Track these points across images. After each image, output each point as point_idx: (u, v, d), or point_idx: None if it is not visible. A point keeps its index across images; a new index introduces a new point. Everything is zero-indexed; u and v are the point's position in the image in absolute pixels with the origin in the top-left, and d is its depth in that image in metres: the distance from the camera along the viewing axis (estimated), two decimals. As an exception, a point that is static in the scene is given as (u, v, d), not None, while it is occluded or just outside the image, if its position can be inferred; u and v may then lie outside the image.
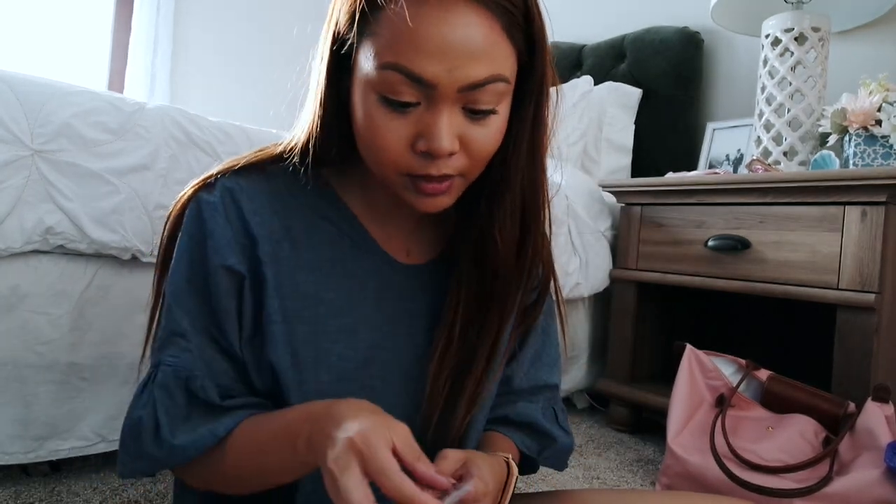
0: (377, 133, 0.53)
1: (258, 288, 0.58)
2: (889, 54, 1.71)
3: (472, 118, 0.53)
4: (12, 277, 0.95)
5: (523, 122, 0.57)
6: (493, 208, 0.59)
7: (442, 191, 0.55)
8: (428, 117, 0.51)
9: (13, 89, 0.94)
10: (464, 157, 0.54)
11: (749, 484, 1.05)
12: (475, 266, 0.61)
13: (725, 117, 2.02)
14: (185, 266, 0.58)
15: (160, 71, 2.57)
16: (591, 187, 1.75)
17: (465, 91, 0.51)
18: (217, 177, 0.60)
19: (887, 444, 1.01)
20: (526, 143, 0.58)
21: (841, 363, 1.23)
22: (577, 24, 2.44)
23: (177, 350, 0.57)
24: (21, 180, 0.93)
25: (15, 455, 0.98)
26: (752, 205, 1.38)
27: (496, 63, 0.51)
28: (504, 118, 0.55)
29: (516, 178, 0.58)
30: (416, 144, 0.52)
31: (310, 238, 0.60)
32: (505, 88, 0.53)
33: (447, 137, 0.51)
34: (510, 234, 0.59)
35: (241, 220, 0.58)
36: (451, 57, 0.49)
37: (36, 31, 2.39)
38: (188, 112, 1.13)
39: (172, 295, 0.58)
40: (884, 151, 1.35)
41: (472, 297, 0.62)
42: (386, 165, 0.54)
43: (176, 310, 0.58)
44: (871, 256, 1.19)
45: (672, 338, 1.67)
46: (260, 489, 0.56)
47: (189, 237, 0.59)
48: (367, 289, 0.62)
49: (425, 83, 0.50)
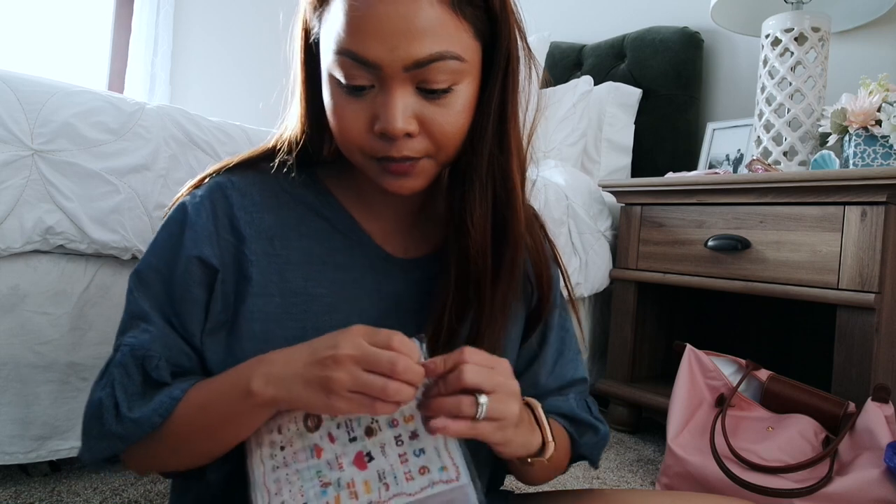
0: (340, 118, 0.54)
1: (241, 285, 0.57)
2: (889, 54, 1.71)
3: (429, 98, 0.53)
4: (12, 277, 0.95)
5: (489, 101, 0.56)
6: (465, 193, 0.57)
7: (405, 171, 0.55)
8: (381, 99, 0.52)
9: (13, 89, 0.94)
10: (425, 139, 0.54)
11: (749, 484, 1.05)
12: (459, 258, 0.59)
13: (725, 117, 2.02)
14: (156, 253, 0.59)
15: (160, 71, 2.57)
16: (591, 187, 1.75)
17: (412, 70, 0.51)
18: (211, 175, 0.61)
19: (887, 444, 1.01)
20: (492, 123, 0.56)
21: (841, 363, 1.23)
22: (577, 24, 2.44)
23: (137, 332, 0.57)
24: (21, 180, 0.93)
25: (15, 455, 0.98)
26: (752, 205, 1.38)
27: (441, 41, 0.51)
28: (466, 97, 0.54)
29: (482, 159, 0.57)
30: (375, 126, 0.53)
31: (301, 234, 0.60)
32: (459, 66, 0.52)
33: (399, 117, 0.51)
34: (481, 220, 0.57)
35: (228, 217, 0.58)
36: (391, 36, 0.49)
37: (36, 31, 2.39)
38: (188, 112, 1.13)
39: (137, 279, 0.58)
40: (884, 151, 1.35)
41: (458, 292, 0.60)
42: (352, 150, 0.56)
43: (138, 293, 0.58)
44: (871, 256, 1.19)
45: (672, 338, 1.67)
46: (208, 457, 0.55)
47: (168, 228, 0.59)
48: (359, 283, 0.61)
49: (370, 64, 0.50)
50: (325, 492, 0.49)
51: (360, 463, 0.50)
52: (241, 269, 0.57)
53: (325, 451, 0.51)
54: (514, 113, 0.58)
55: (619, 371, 1.65)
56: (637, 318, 1.64)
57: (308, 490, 0.49)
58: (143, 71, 2.53)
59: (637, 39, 2.13)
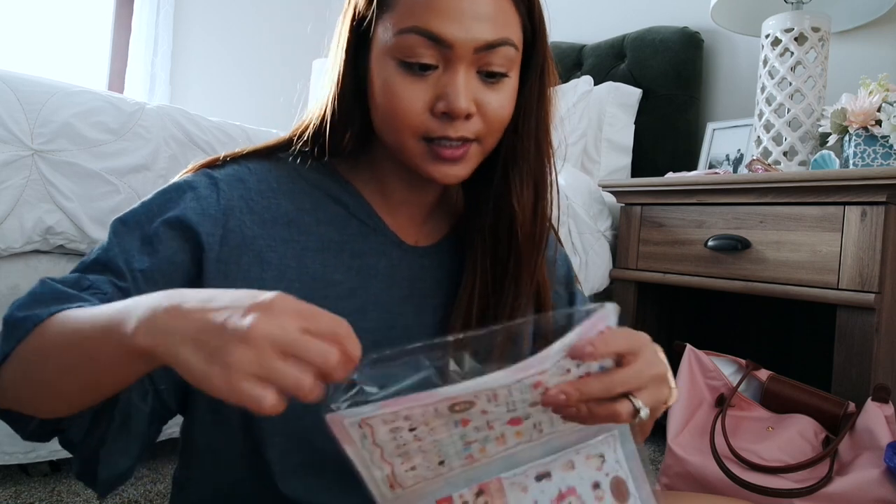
0: (396, 98, 0.55)
1: (258, 269, 0.57)
2: (889, 54, 1.71)
3: (487, 82, 0.56)
4: (12, 277, 0.95)
5: (531, 93, 0.60)
6: (510, 178, 0.61)
7: (459, 156, 0.57)
8: (446, 79, 0.54)
9: (13, 89, 0.94)
10: (480, 122, 0.56)
11: (749, 484, 1.05)
12: (490, 242, 0.63)
13: (725, 117, 2.02)
14: (148, 205, 0.57)
15: (160, 71, 2.57)
16: (590, 187, 1.75)
17: (480, 52, 0.54)
18: (226, 158, 0.61)
19: (887, 444, 1.01)
20: (534, 116, 0.61)
21: (841, 363, 1.23)
22: (577, 24, 2.44)
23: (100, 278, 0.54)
24: (21, 180, 0.93)
25: (15, 455, 0.98)
26: (752, 205, 1.38)
27: (506, 28, 0.55)
28: (514, 86, 0.58)
29: (528, 146, 0.61)
30: (436, 106, 0.55)
31: (319, 219, 0.61)
32: (514, 54, 0.57)
33: (465, 97, 0.54)
34: (527, 201, 0.62)
35: (245, 200, 0.58)
36: (467, 18, 0.53)
37: (36, 31, 2.39)
38: (188, 112, 1.13)
39: (120, 224, 0.57)
40: (884, 151, 1.35)
41: (487, 276, 0.63)
42: (404, 131, 0.56)
43: (116, 239, 0.56)
44: (871, 256, 1.19)
45: (672, 338, 1.67)
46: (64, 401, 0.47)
47: (167, 193, 0.57)
48: (376, 270, 0.62)
49: (444, 43, 0.53)
50: (467, 448, 0.42)
51: (514, 422, 0.42)
52: (259, 254, 0.57)
53: (473, 420, 0.41)
54: (549, 109, 0.63)
55: (619, 371, 1.65)
56: (637, 318, 1.64)
57: (448, 449, 0.42)
58: (143, 71, 2.52)
59: (637, 39, 2.13)
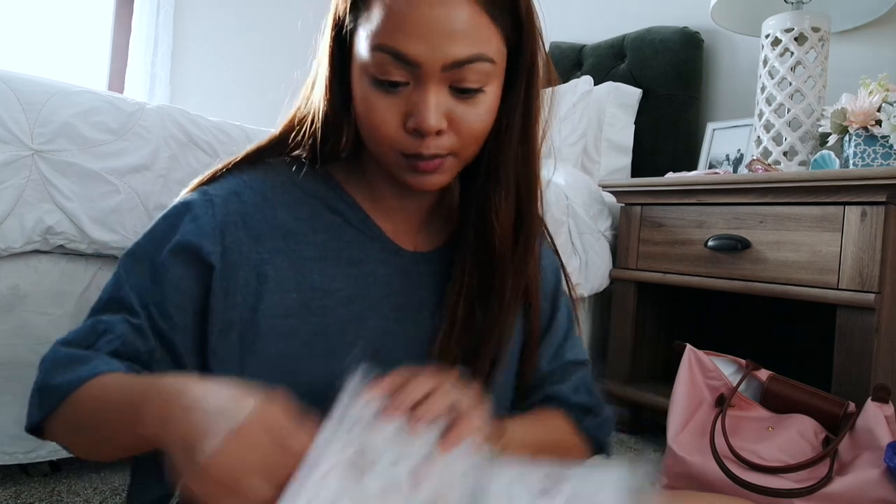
0: (372, 113, 0.55)
1: (257, 283, 0.57)
2: (889, 54, 1.71)
3: (460, 97, 0.54)
4: (12, 277, 0.95)
5: (514, 104, 0.59)
6: (489, 190, 0.60)
7: (434, 168, 0.56)
8: (416, 96, 0.53)
9: (13, 89, 0.94)
10: (453, 136, 0.55)
11: (749, 484, 1.05)
12: (476, 253, 0.62)
13: (725, 117, 2.02)
14: (152, 237, 0.58)
15: (160, 71, 2.57)
16: (591, 187, 1.75)
17: (450, 70, 0.52)
18: (222, 172, 0.61)
19: (887, 444, 1.01)
20: (518, 124, 0.59)
21: (841, 363, 1.22)
22: (577, 24, 2.44)
23: (114, 317, 0.56)
24: (21, 180, 0.93)
25: (15, 455, 0.98)
26: (752, 205, 1.38)
27: (478, 43, 0.53)
28: (493, 98, 0.57)
29: (509, 158, 0.59)
30: (407, 123, 0.54)
31: (315, 228, 0.61)
32: (490, 69, 0.54)
33: (434, 115, 0.53)
34: (506, 216, 0.60)
35: (241, 215, 0.58)
36: (434, 36, 0.51)
37: (36, 31, 2.39)
38: (188, 112, 1.13)
39: (128, 259, 0.58)
40: (884, 151, 1.35)
41: (474, 285, 0.62)
42: (382, 144, 0.56)
43: (126, 275, 0.57)
44: (871, 256, 1.19)
45: (672, 338, 1.66)
46: (106, 453, 0.54)
47: (168, 219, 0.59)
48: (373, 277, 0.62)
49: (410, 62, 0.52)
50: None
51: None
52: (256, 268, 0.57)
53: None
54: (536, 114, 0.60)
55: (619, 371, 1.65)
56: (637, 318, 1.64)
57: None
58: (143, 71, 2.52)
59: (637, 39, 2.13)
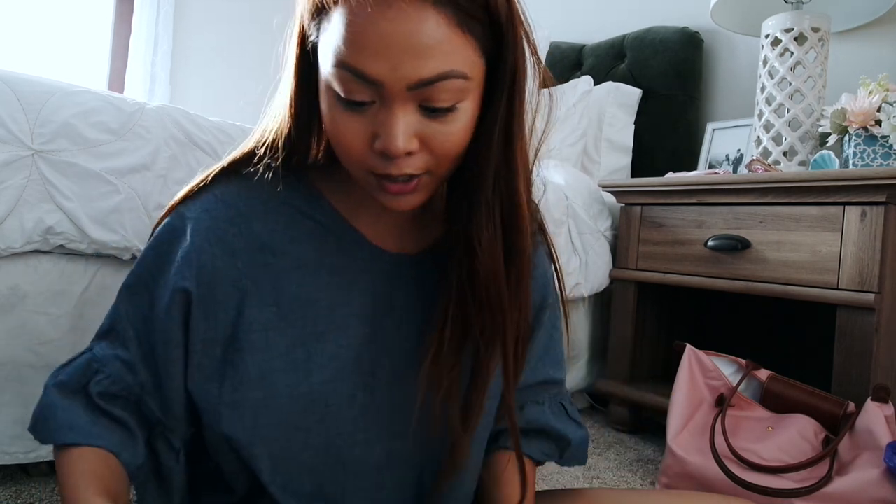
0: (338, 131, 0.51)
1: (235, 299, 0.57)
2: (889, 54, 1.71)
3: (431, 116, 0.50)
4: (12, 277, 0.95)
5: (494, 118, 0.53)
6: (472, 213, 0.55)
7: (408, 190, 0.53)
8: (382, 116, 0.49)
9: (13, 89, 0.94)
10: (427, 155, 0.51)
11: (749, 484, 1.05)
12: (462, 269, 0.57)
13: (725, 117, 2.02)
14: (145, 265, 0.60)
15: (160, 71, 2.57)
16: (591, 187, 1.75)
17: (416, 89, 0.48)
18: (199, 186, 0.60)
19: (887, 444, 1.01)
20: (497, 143, 0.53)
21: (841, 363, 1.23)
22: (577, 24, 2.44)
23: (110, 348, 0.59)
24: (21, 180, 0.93)
25: (15, 455, 0.98)
26: (752, 205, 1.38)
27: (447, 59, 0.48)
28: (470, 114, 0.52)
29: (488, 178, 0.54)
30: (375, 144, 0.50)
31: (292, 238, 0.59)
32: (463, 84, 0.49)
33: (401, 137, 0.49)
34: (489, 243, 0.55)
35: (214, 231, 0.57)
36: (394, 54, 0.46)
37: (36, 31, 2.39)
38: (188, 112, 1.13)
39: (126, 292, 0.60)
40: (884, 151, 1.35)
41: (462, 300, 0.58)
42: (352, 164, 0.53)
43: (124, 309, 0.59)
44: (871, 256, 1.19)
45: (672, 338, 1.67)
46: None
47: (152, 245, 0.60)
48: (354, 285, 0.60)
49: (372, 81, 0.48)
50: None
51: None
52: (233, 283, 0.57)
53: None
54: (520, 129, 0.55)
55: (619, 371, 1.65)
56: (637, 318, 1.64)
57: None
58: (143, 71, 2.52)
59: (637, 39, 2.13)
